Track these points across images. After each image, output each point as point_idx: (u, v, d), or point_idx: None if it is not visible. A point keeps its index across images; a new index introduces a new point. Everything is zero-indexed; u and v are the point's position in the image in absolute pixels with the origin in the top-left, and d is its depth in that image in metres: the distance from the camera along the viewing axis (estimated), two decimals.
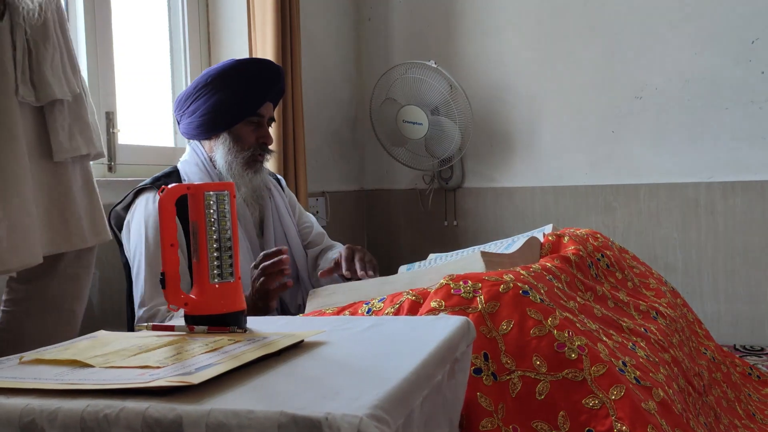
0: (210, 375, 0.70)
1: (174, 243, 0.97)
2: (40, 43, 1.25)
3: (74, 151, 1.31)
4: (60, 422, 0.66)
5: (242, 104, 1.69)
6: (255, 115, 1.72)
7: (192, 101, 1.70)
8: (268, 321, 1.08)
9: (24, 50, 1.23)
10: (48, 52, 1.26)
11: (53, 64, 1.27)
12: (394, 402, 0.65)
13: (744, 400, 1.66)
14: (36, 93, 1.25)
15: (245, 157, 1.70)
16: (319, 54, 2.88)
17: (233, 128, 1.70)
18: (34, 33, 1.24)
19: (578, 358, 1.05)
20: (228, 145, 1.70)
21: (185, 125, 1.74)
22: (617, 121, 2.84)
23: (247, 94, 1.69)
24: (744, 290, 2.68)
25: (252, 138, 1.72)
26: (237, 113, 1.70)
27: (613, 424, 1.00)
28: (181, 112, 1.74)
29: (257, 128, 1.73)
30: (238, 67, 1.71)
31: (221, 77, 1.68)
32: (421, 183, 3.16)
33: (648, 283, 1.68)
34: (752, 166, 2.65)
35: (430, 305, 1.13)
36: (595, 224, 2.83)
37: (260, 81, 1.71)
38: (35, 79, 1.24)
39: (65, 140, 1.30)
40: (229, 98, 1.67)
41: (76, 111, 1.33)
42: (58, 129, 1.29)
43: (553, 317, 1.10)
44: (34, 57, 1.24)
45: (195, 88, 1.70)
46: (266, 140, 1.75)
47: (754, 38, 2.62)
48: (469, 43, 3.07)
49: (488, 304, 1.11)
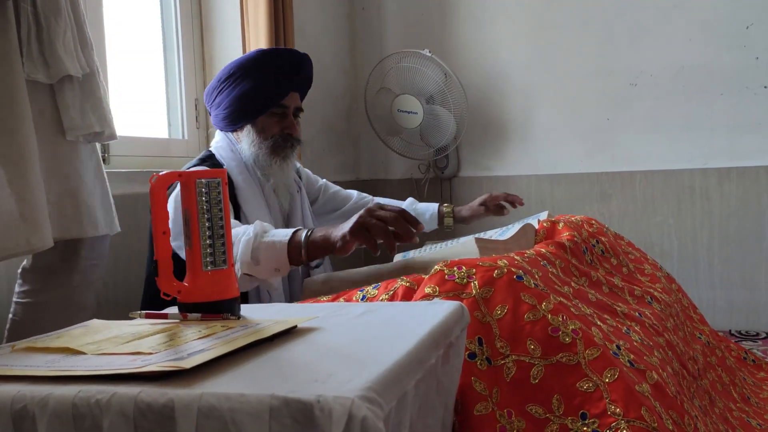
0: (202, 360, 0.70)
1: (166, 230, 0.97)
2: (51, 18, 1.22)
3: (87, 129, 1.28)
4: (51, 408, 0.66)
5: (264, 95, 1.66)
6: (278, 107, 1.69)
7: (217, 94, 1.69)
8: (261, 308, 1.08)
9: (29, 27, 1.20)
10: (60, 27, 1.23)
11: (65, 39, 1.24)
12: (387, 384, 0.65)
13: (739, 383, 1.66)
14: (48, 70, 1.22)
15: (269, 146, 1.67)
16: (313, 44, 2.87)
17: (257, 120, 1.68)
18: (45, 8, 1.21)
19: (572, 341, 1.06)
20: (252, 137, 1.68)
21: (213, 117, 1.74)
22: (612, 108, 2.84)
23: (268, 85, 1.66)
24: (739, 276, 2.68)
25: (276, 129, 1.69)
26: (259, 105, 1.67)
27: (607, 406, 1.00)
28: (209, 104, 1.73)
29: (281, 119, 1.70)
30: (259, 58, 1.67)
31: (242, 69, 1.66)
32: (417, 172, 3.16)
33: (643, 269, 1.68)
34: (747, 152, 2.65)
35: (425, 291, 1.13)
36: (590, 212, 2.83)
37: (282, 71, 1.67)
38: (47, 55, 1.22)
39: (77, 116, 1.27)
40: (251, 90, 1.65)
41: (88, 88, 1.30)
42: (69, 105, 1.26)
43: (548, 302, 1.10)
44: (45, 32, 1.21)
45: (219, 80, 1.68)
46: (291, 130, 1.71)
47: (748, 24, 2.62)
48: (464, 32, 3.06)
49: (482, 289, 1.11)
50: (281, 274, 1.41)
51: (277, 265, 1.37)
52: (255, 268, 1.37)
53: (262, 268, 1.37)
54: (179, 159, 2.31)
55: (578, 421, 1.01)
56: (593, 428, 1.00)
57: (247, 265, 1.37)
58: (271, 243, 1.36)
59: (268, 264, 1.36)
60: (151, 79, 2.31)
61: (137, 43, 2.25)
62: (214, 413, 0.62)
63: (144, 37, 2.30)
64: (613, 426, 0.99)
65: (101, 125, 1.31)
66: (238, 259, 1.36)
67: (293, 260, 1.36)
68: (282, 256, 1.36)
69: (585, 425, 1.00)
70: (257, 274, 1.39)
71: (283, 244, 1.35)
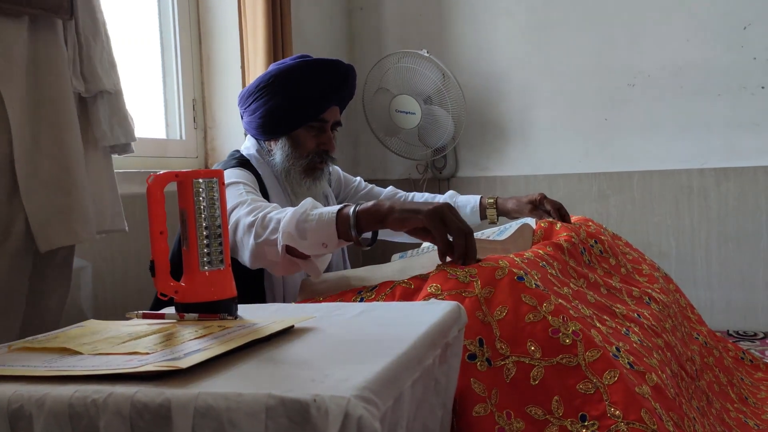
0: (198, 360, 0.70)
1: (163, 231, 0.96)
2: (90, 39, 1.38)
3: (115, 140, 1.44)
4: (48, 408, 0.66)
5: (304, 109, 1.60)
6: (317, 121, 1.62)
7: (253, 100, 1.62)
8: (259, 308, 1.08)
9: (74, 46, 1.35)
10: (98, 47, 1.40)
11: (101, 58, 1.40)
12: (383, 384, 0.65)
13: (736, 383, 1.66)
14: (86, 84, 1.38)
15: (303, 165, 1.62)
16: (311, 44, 2.87)
17: (293, 133, 1.62)
18: (86, 29, 1.38)
19: (572, 343, 1.06)
20: (286, 150, 1.62)
21: (246, 122, 1.68)
22: (610, 108, 2.84)
23: (309, 99, 1.59)
24: (737, 276, 2.69)
25: (312, 144, 1.63)
26: (297, 118, 1.60)
27: (607, 408, 1.00)
28: (243, 108, 1.67)
29: (319, 134, 1.64)
30: (304, 69, 1.61)
31: (284, 78, 1.59)
32: (415, 173, 3.16)
33: (641, 269, 1.68)
34: (745, 152, 2.65)
35: (427, 290, 1.13)
36: (588, 212, 2.83)
37: (326, 84, 1.61)
38: (86, 72, 1.37)
39: (107, 129, 1.42)
40: (290, 102, 1.59)
41: (116, 104, 1.44)
42: (101, 119, 1.41)
43: (548, 303, 1.10)
44: (85, 51, 1.37)
45: (257, 86, 1.62)
46: (328, 146, 1.64)
47: (746, 24, 2.62)
48: (462, 32, 3.06)
49: (484, 289, 1.11)
50: (328, 251, 1.30)
51: (324, 239, 1.25)
52: (301, 243, 1.27)
53: (309, 243, 1.26)
54: (177, 159, 2.31)
55: (578, 423, 1.01)
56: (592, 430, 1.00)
57: (290, 237, 1.26)
58: (319, 214, 1.26)
59: (315, 237, 1.25)
60: (148, 80, 2.31)
61: (135, 43, 2.25)
62: (211, 413, 0.62)
63: (142, 38, 2.30)
64: (613, 428, 0.99)
65: (126, 138, 1.46)
66: (280, 230, 1.27)
67: (342, 234, 1.25)
68: (330, 228, 1.24)
69: (584, 427, 1.00)
70: (303, 250, 1.28)
71: (331, 215, 1.25)
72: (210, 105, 2.46)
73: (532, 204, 1.84)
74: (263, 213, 1.35)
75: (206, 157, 2.45)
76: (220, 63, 2.44)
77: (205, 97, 2.46)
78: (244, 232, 1.35)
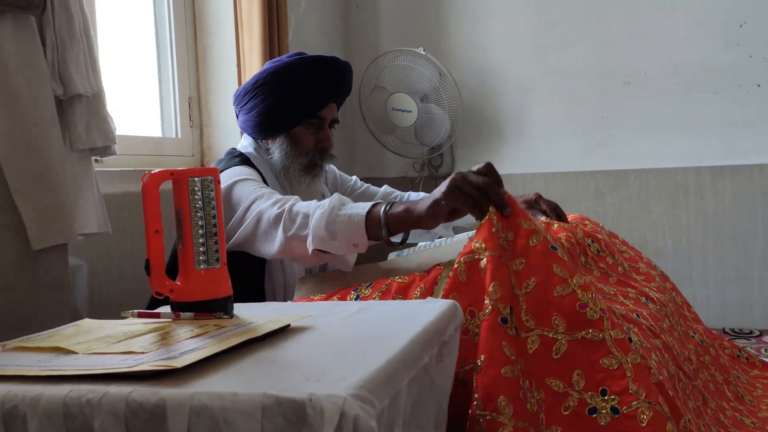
0: (194, 359, 0.69)
1: (159, 229, 0.96)
2: (66, 40, 1.36)
3: (92, 143, 1.42)
4: (42, 408, 0.65)
5: (302, 106, 1.60)
6: (315, 118, 1.62)
7: (250, 98, 1.62)
8: (255, 307, 1.08)
9: (53, 47, 1.34)
10: (73, 50, 1.37)
11: (77, 61, 1.38)
12: (379, 383, 0.65)
13: (733, 382, 1.66)
14: (64, 87, 1.36)
15: (303, 163, 1.62)
16: (307, 42, 2.86)
17: (291, 131, 1.62)
18: (62, 31, 1.35)
19: (599, 318, 1.05)
20: (285, 148, 1.62)
21: (242, 121, 1.67)
22: (606, 107, 2.84)
23: (307, 96, 1.59)
24: (733, 274, 2.69)
25: (311, 141, 1.63)
26: (296, 116, 1.60)
27: (630, 384, 1.00)
28: (238, 107, 1.66)
29: (317, 131, 1.64)
30: (301, 66, 1.60)
31: (281, 75, 1.58)
32: (412, 171, 3.16)
33: (638, 268, 1.68)
34: (741, 151, 2.66)
35: (471, 247, 1.11)
36: (585, 210, 2.82)
37: (323, 81, 1.61)
38: (61, 74, 1.36)
39: (83, 132, 1.40)
40: (288, 100, 1.58)
41: (94, 107, 1.43)
42: (76, 122, 1.39)
43: (579, 276, 1.10)
44: (60, 53, 1.35)
45: (254, 84, 1.61)
46: (326, 144, 1.65)
47: (742, 22, 2.63)
48: (458, 30, 3.06)
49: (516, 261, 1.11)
50: (360, 250, 1.31)
51: (355, 240, 1.27)
52: (331, 244, 1.28)
53: (339, 244, 1.28)
54: (173, 158, 2.30)
55: (597, 397, 1.00)
56: (612, 405, 1.00)
57: (321, 240, 1.27)
58: (348, 217, 1.27)
59: (345, 238, 1.27)
60: (144, 78, 2.30)
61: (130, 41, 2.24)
62: (206, 412, 0.61)
63: (137, 35, 2.29)
64: (634, 405, 0.98)
65: (104, 141, 1.44)
66: (310, 233, 1.28)
67: (372, 235, 1.26)
68: (360, 231, 1.25)
69: (604, 401, 1.00)
70: (333, 250, 1.29)
71: (360, 217, 1.25)
72: (206, 103, 2.45)
73: (527, 204, 1.83)
74: (289, 205, 1.35)
75: (202, 155, 2.45)
76: (216, 61, 2.43)
77: (201, 95, 2.45)
78: (270, 225, 1.36)
